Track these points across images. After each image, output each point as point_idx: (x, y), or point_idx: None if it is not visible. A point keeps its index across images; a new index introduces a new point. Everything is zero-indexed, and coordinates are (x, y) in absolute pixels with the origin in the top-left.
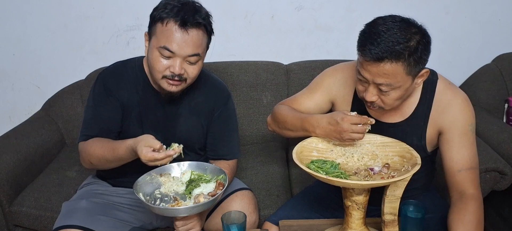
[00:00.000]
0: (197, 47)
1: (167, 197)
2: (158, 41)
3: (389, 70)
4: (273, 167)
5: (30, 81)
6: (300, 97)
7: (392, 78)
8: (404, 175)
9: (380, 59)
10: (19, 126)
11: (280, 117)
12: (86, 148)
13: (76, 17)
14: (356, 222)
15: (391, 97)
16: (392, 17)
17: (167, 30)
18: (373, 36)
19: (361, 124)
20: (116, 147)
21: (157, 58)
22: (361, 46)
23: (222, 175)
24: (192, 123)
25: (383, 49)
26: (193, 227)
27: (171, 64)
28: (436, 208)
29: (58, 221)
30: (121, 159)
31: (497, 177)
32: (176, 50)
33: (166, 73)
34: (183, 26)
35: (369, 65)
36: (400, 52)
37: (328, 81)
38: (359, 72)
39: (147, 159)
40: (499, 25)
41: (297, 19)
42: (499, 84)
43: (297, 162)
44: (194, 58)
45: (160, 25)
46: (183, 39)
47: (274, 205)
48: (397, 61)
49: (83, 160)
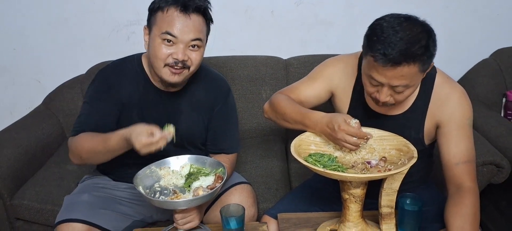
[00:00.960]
0: (199, 32)
1: (166, 190)
2: (159, 29)
3: (407, 72)
4: (272, 160)
5: (31, 75)
6: (300, 86)
7: (408, 79)
8: (401, 168)
9: (398, 63)
10: (20, 120)
11: (279, 108)
12: (76, 141)
13: (76, 11)
14: (354, 215)
15: (405, 94)
16: (395, 17)
17: (168, 16)
18: (385, 40)
19: (357, 137)
20: (107, 138)
21: (159, 46)
22: (373, 51)
23: (221, 168)
24: (193, 118)
25: (400, 53)
26: (192, 220)
27: (173, 51)
28: (434, 200)
29: (60, 215)
30: (113, 150)
31: (494, 170)
32: (178, 34)
33: (168, 60)
34: (184, 11)
35: (385, 70)
36: (417, 53)
37: (329, 71)
38: (371, 77)
39: (142, 144)
40: (497, 20)
41: (297, 14)
42: (498, 79)
43: (295, 155)
44: (197, 42)
45: (160, 13)
46: (185, 23)
47: (273, 199)
48: (415, 62)
49: (72, 154)
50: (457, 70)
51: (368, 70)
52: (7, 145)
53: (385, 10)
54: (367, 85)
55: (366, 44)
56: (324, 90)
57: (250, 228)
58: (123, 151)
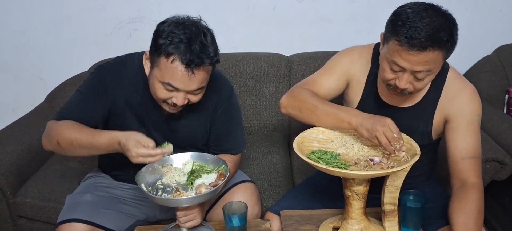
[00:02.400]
0: (202, 83)
1: (169, 187)
2: (162, 76)
3: (432, 57)
4: (275, 157)
5: (33, 73)
6: (320, 79)
7: (432, 64)
8: (404, 165)
9: (424, 48)
10: (23, 117)
11: (308, 103)
12: (58, 126)
13: (79, 9)
14: (356, 212)
15: (425, 82)
16: (419, 4)
17: (172, 68)
18: (411, 24)
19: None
20: (96, 134)
21: (160, 89)
22: (398, 35)
23: (224, 165)
24: (194, 121)
25: (427, 38)
26: (194, 218)
27: (174, 95)
28: (437, 197)
29: (62, 214)
30: (98, 148)
31: (497, 167)
32: (181, 87)
33: (168, 101)
34: (189, 68)
35: (410, 55)
36: (443, 40)
37: (346, 61)
38: (394, 62)
39: (140, 153)
40: (500, 16)
41: (299, 10)
42: (500, 75)
43: (298, 152)
44: (199, 91)
45: (164, 59)
46: (189, 78)
47: (276, 196)
48: (440, 48)
49: (48, 137)
50: (459, 67)
51: (390, 55)
52: (9, 142)
53: (386, 7)
54: (387, 71)
55: (390, 29)
56: (343, 81)
57: (253, 225)
58: (109, 152)
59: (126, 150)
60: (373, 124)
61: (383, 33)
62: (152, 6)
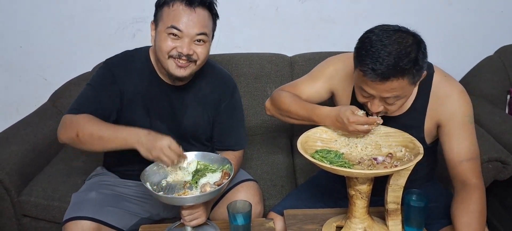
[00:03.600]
0: (204, 26)
1: (173, 186)
2: (165, 23)
3: (396, 85)
4: (277, 157)
5: (37, 73)
6: (301, 84)
7: (399, 91)
8: (407, 164)
9: (386, 78)
10: (27, 117)
11: (283, 105)
12: (78, 119)
13: (82, 9)
14: (360, 211)
15: (397, 105)
16: (384, 30)
17: (173, 11)
18: (373, 55)
19: (368, 124)
20: (117, 127)
21: (165, 40)
22: (362, 66)
23: (228, 164)
24: (199, 113)
25: (388, 68)
26: (198, 216)
27: (179, 44)
28: (439, 197)
29: (68, 212)
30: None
31: (499, 167)
32: (183, 28)
33: (172, 53)
34: (189, 5)
35: (375, 84)
36: (405, 68)
37: (330, 71)
38: (362, 89)
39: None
40: (501, 17)
41: (302, 11)
42: (502, 76)
43: (302, 151)
44: (202, 37)
45: (166, 8)
46: (190, 17)
47: (279, 195)
48: (403, 76)
49: (66, 130)
50: (461, 67)
51: (359, 82)
52: (14, 141)
53: (389, 7)
54: (359, 96)
55: (355, 58)
56: (325, 90)
57: (257, 224)
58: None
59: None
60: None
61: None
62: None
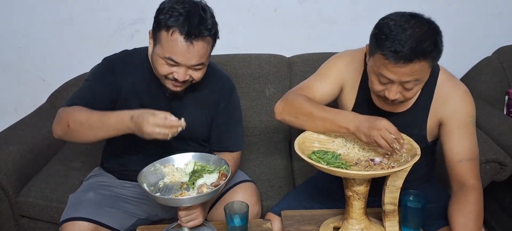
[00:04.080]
0: (201, 57)
1: (170, 187)
2: (163, 51)
3: (418, 68)
4: (275, 158)
5: (36, 74)
6: (313, 84)
7: (419, 74)
8: (404, 165)
9: (410, 60)
10: (25, 117)
11: (303, 109)
12: (70, 110)
13: (81, 10)
14: (357, 212)
15: (414, 91)
16: (400, 15)
17: (172, 41)
18: (394, 38)
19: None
20: (106, 113)
21: (162, 65)
22: (383, 50)
23: (225, 165)
24: (197, 114)
25: (411, 50)
26: (196, 217)
27: (175, 70)
28: (437, 198)
29: (65, 213)
30: (108, 125)
31: (497, 168)
32: (181, 61)
33: (169, 76)
34: (188, 38)
35: (397, 67)
36: (427, 50)
37: (339, 66)
38: (381, 75)
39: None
40: (500, 18)
41: (300, 11)
42: (500, 77)
43: (299, 152)
44: (199, 66)
45: (165, 33)
46: (188, 50)
47: (277, 196)
48: (425, 59)
49: (59, 122)
50: (459, 68)
51: (377, 68)
52: (12, 142)
53: (388, 8)
54: (376, 83)
55: (375, 43)
56: (337, 86)
57: (254, 225)
58: (118, 132)
59: (140, 122)
60: (370, 129)
61: (368, 44)
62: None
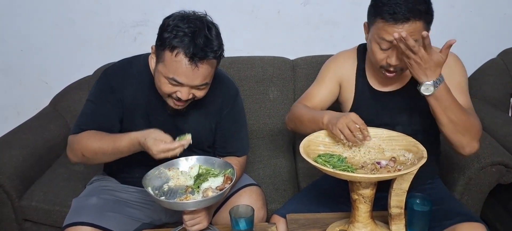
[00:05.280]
0: (205, 78)
1: (175, 191)
2: (166, 71)
3: (415, 28)
4: (280, 161)
5: (38, 76)
6: (312, 90)
7: (417, 35)
8: (410, 168)
9: (407, 19)
10: (28, 121)
11: (297, 117)
12: (80, 139)
13: (83, 12)
14: (363, 215)
15: None
16: None
17: (176, 62)
18: (391, 2)
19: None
20: (117, 138)
21: (165, 84)
22: (382, 14)
23: (230, 169)
24: (200, 121)
25: (408, 10)
26: (200, 221)
27: (178, 90)
28: (442, 200)
29: (68, 217)
30: (121, 151)
31: (502, 171)
32: (185, 82)
33: (173, 95)
34: (193, 61)
35: (396, 28)
36: (422, 11)
37: (332, 67)
38: (383, 39)
39: (160, 150)
40: (504, 20)
41: (303, 13)
42: (505, 79)
43: (304, 155)
44: (203, 86)
45: (169, 53)
46: (193, 73)
47: (281, 200)
48: (420, 19)
49: (73, 152)
50: None
51: (378, 34)
52: (14, 145)
53: None
54: (378, 52)
55: (373, 12)
56: (334, 85)
57: (259, 228)
58: (133, 152)
59: (147, 149)
60: (338, 119)
61: (366, 22)
62: (156, 9)
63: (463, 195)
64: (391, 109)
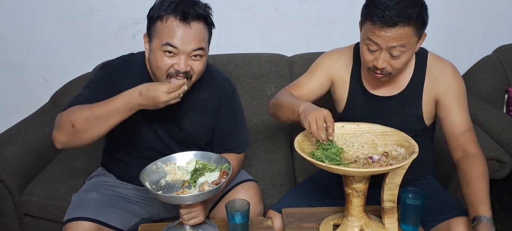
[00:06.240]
0: (200, 41)
1: (172, 185)
2: (160, 40)
3: (403, 33)
4: (277, 157)
5: (38, 73)
6: (302, 80)
7: (405, 40)
8: (402, 162)
9: (395, 23)
10: (28, 117)
11: (279, 102)
12: (68, 112)
13: (83, 10)
14: (356, 209)
15: (401, 61)
16: None
17: (168, 27)
18: (382, 5)
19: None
20: (111, 99)
21: (161, 58)
22: (371, 16)
23: (226, 164)
24: (198, 120)
25: (397, 14)
26: (197, 215)
27: (175, 62)
28: (436, 194)
29: (68, 213)
30: (117, 111)
31: (496, 166)
32: (179, 45)
33: (170, 71)
34: (184, 20)
35: (383, 31)
36: (412, 16)
37: (326, 62)
38: (371, 40)
39: (166, 89)
40: (499, 17)
41: (301, 11)
42: (500, 75)
43: (299, 150)
44: (199, 52)
45: (159, 23)
46: (185, 33)
47: (278, 195)
48: (410, 24)
49: (62, 126)
50: (459, 67)
51: (366, 35)
52: (15, 142)
53: None
54: (366, 53)
55: (365, 13)
56: (325, 79)
57: (255, 222)
58: (129, 112)
59: (154, 95)
60: (309, 113)
61: (360, 21)
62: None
63: (457, 190)
64: (383, 114)
